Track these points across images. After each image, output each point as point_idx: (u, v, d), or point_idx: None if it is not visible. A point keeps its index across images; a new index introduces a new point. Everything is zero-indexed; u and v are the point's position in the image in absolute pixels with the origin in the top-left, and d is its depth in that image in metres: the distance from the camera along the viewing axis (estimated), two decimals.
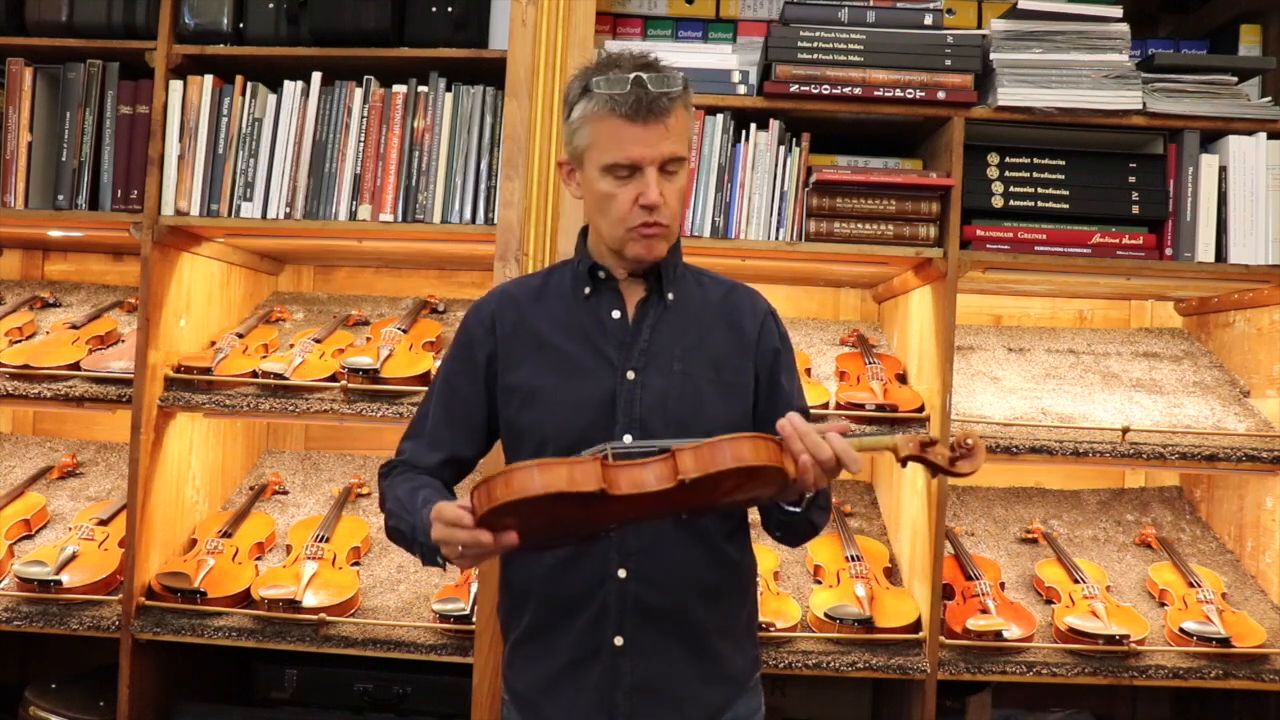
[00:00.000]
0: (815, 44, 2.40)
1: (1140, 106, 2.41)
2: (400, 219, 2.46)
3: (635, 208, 1.48)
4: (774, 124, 2.46)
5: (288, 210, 2.47)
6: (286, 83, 2.50)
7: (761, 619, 2.38)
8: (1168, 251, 2.46)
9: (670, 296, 1.59)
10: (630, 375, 1.53)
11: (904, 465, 1.44)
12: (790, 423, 1.35)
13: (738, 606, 1.61)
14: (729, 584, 1.59)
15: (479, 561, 1.41)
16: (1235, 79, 2.46)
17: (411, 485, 1.55)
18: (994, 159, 2.46)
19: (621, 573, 1.50)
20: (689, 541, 1.52)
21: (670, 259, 1.60)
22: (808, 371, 2.69)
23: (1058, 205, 2.45)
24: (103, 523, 2.61)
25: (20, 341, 2.70)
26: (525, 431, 1.55)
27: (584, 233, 1.63)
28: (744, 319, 1.63)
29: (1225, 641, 2.37)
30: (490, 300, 1.65)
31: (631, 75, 1.46)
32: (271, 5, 2.48)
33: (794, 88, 2.40)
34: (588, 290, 1.59)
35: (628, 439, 1.48)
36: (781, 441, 1.33)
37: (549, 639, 1.54)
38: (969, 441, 1.43)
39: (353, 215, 2.46)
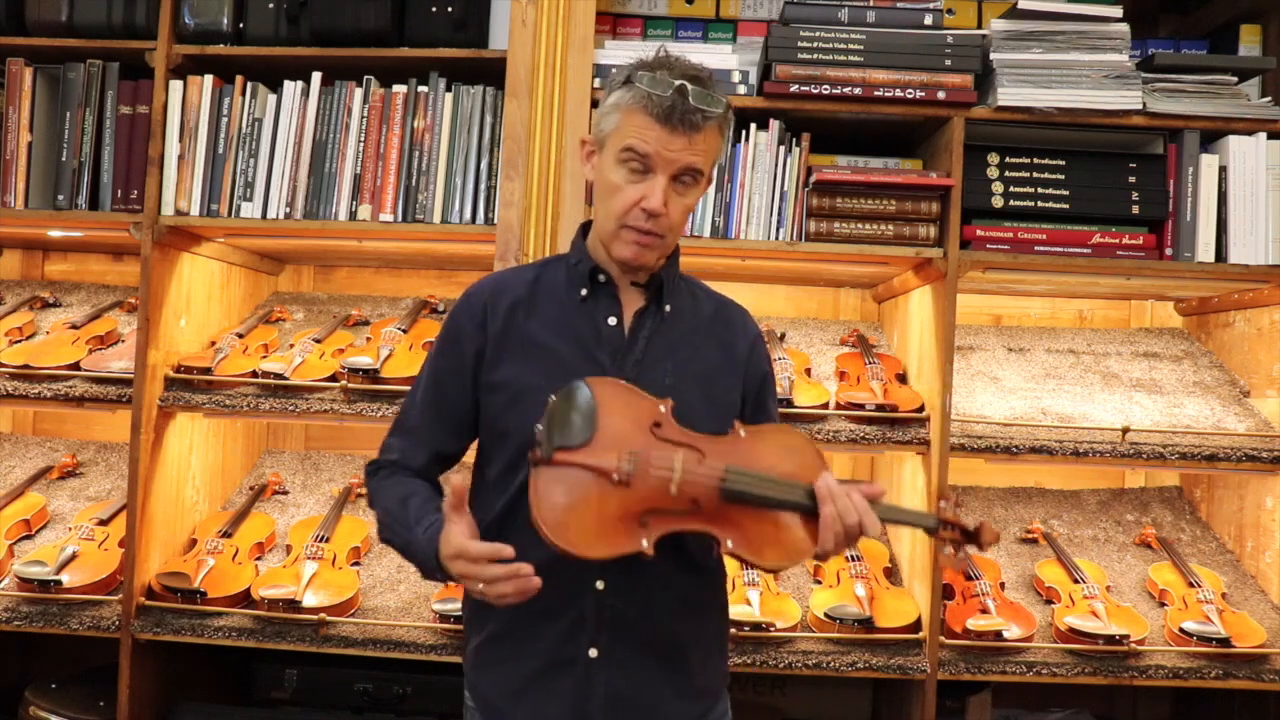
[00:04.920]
0: (815, 44, 2.40)
1: (1140, 106, 2.41)
2: (400, 219, 2.46)
3: (636, 209, 1.46)
4: (774, 124, 2.46)
5: (288, 210, 2.48)
6: (286, 83, 2.50)
7: (761, 619, 2.38)
8: (1168, 251, 2.46)
9: (667, 308, 1.57)
10: None
11: (935, 534, 1.50)
12: (828, 485, 1.40)
13: (709, 617, 1.59)
14: (702, 596, 1.57)
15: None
16: (1235, 79, 2.47)
17: (401, 493, 1.52)
18: (994, 159, 2.46)
19: (600, 584, 1.47)
20: (667, 554, 1.46)
21: (670, 269, 1.58)
22: (807, 371, 2.69)
23: (1058, 205, 2.45)
24: (103, 523, 2.61)
25: (20, 341, 2.70)
26: (507, 431, 1.51)
27: (583, 229, 1.60)
28: (736, 338, 1.61)
29: (1225, 641, 2.37)
30: (482, 291, 1.59)
31: (678, 82, 1.44)
32: (271, 5, 2.48)
33: (794, 88, 2.40)
34: (584, 292, 1.55)
35: None
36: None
37: (519, 644, 1.50)
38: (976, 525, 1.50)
39: (353, 215, 2.46)
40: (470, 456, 1.64)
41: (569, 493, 1.36)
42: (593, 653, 1.47)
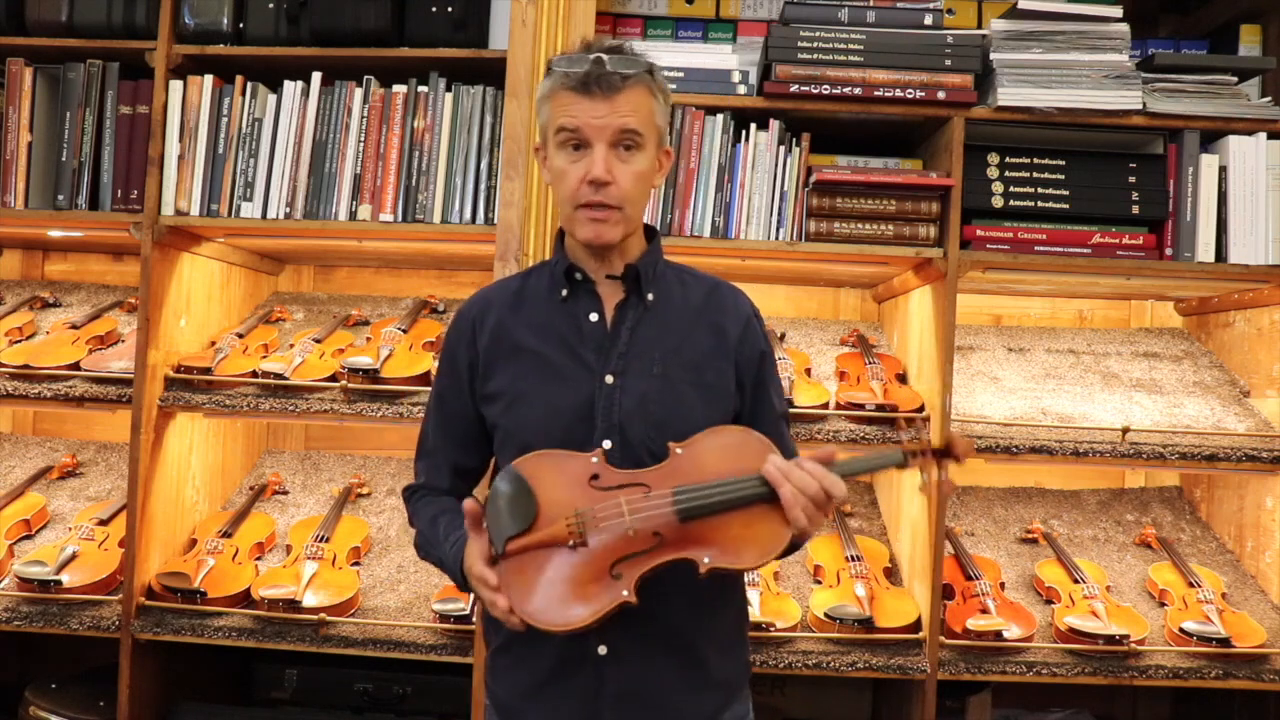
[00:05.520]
0: (815, 44, 2.40)
1: (1140, 106, 2.42)
2: (400, 219, 2.46)
3: (584, 185, 1.47)
4: (774, 124, 2.46)
5: (288, 210, 2.48)
6: (286, 83, 2.50)
7: (761, 619, 2.38)
8: (1168, 251, 2.46)
9: (650, 297, 1.57)
10: (609, 379, 1.51)
11: (906, 467, 1.51)
12: (777, 466, 1.39)
13: (722, 610, 1.58)
14: (712, 587, 1.55)
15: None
16: (1235, 79, 2.47)
17: (431, 513, 1.60)
18: (994, 159, 2.46)
19: None
20: None
21: (649, 257, 1.58)
22: (807, 371, 2.69)
23: (1058, 205, 2.45)
24: (103, 523, 2.61)
25: (20, 341, 2.70)
26: (508, 436, 1.54)
27: (562, 233, 1.61)
28: (727, 320, 1.60)
29: (1225, 641, 2.37)
30: (471, 308, 1.63)
31: (593, 56, 1.47)
32: (271, 5, 2.48)
33: (794, 88, 2.40)
34: (565, 293, 1.57)
35: (606, 444, 1.47)
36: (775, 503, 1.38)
37: (531, 647, 1.52)
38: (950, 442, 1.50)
39: (353, 215, 2.46)
40: None
41: (534, 575, 1.38)
42: (602, 650, 1.48)
